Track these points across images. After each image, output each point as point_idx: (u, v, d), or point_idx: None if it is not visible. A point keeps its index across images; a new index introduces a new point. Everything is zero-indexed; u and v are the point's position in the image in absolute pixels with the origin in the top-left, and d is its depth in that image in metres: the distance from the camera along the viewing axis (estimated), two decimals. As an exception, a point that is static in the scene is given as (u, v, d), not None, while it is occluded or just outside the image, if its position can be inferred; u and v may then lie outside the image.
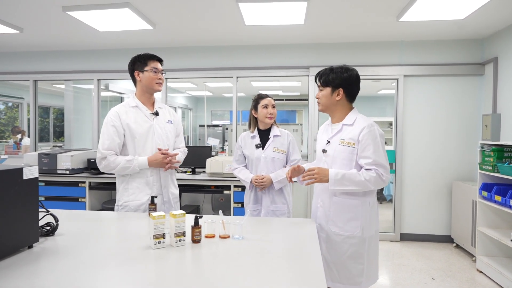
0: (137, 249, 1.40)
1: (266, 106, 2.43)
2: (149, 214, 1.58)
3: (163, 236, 1.41)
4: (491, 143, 3.24)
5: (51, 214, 1.59)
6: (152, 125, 2.14)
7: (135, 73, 2.13)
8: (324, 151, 1.87)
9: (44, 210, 1.59)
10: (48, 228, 1.56)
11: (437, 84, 4.19)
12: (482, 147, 3.33)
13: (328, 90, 1.83)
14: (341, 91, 1.80)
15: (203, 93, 8.90)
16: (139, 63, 2.11)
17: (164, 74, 2.18)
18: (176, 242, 1.43)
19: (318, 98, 1.89)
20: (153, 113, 2.17)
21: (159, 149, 2.12)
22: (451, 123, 4.18)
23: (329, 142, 1.86)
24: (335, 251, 1.81)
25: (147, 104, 2.18)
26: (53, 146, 6.32)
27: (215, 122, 10.04)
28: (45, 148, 4.85)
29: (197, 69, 4.53)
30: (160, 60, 2.17)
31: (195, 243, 1.48)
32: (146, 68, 2.10)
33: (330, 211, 1.83)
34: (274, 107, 2.45)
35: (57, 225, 1.58)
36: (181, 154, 2.27)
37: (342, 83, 1.80)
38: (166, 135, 2.20)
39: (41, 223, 1.53)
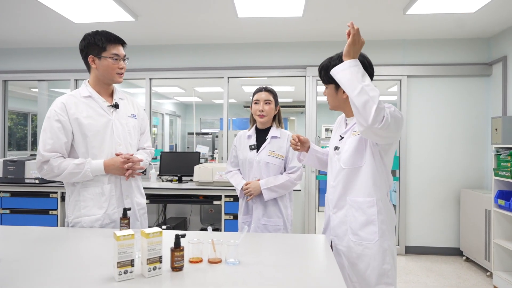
0: (94, 281, 1.03)
1: (257, 102, 2.08)
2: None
3: (131, 263, 1.04)
4: (508, 146, 2.96)
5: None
6: (111, 120, 1.71)
7: (90, 58, 1.69)
8: (336, 148, 1.54)
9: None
10: (-23, 252, 1.16)
11: (442, 85, 3.94)
12: (497, 151, 3.05)
13: (331, 87, 1.53)
14: None
15: (191, 99, 8.54)
16: (95, 46, 1.67)
17: (126, 61, 1.76)
18: (149, 271, 1.06)
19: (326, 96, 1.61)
20: (112, 106, 1.74)
21: (117, 154, 1.70)
22: (457, 126, 3.92)
23: (342, 137, 1.53)
24: (357, 267, 1.44)
25: (104, 95, 1.75)
26: (31, 155, 5.83)
27: (204, 131, 9.67)
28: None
29: (185, 69, 4.17)
30: (123, 43, 1.75)
31: (176, 271, 1.11)
32: (104, 54, 1.67)
33: (347, 216, 1.47)
34: (268, 103, 2.08)
35: (-11, 248, 1.18)
36: (146, 155, 1.88)
37: None
38: (128, 132, 1.78)
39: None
